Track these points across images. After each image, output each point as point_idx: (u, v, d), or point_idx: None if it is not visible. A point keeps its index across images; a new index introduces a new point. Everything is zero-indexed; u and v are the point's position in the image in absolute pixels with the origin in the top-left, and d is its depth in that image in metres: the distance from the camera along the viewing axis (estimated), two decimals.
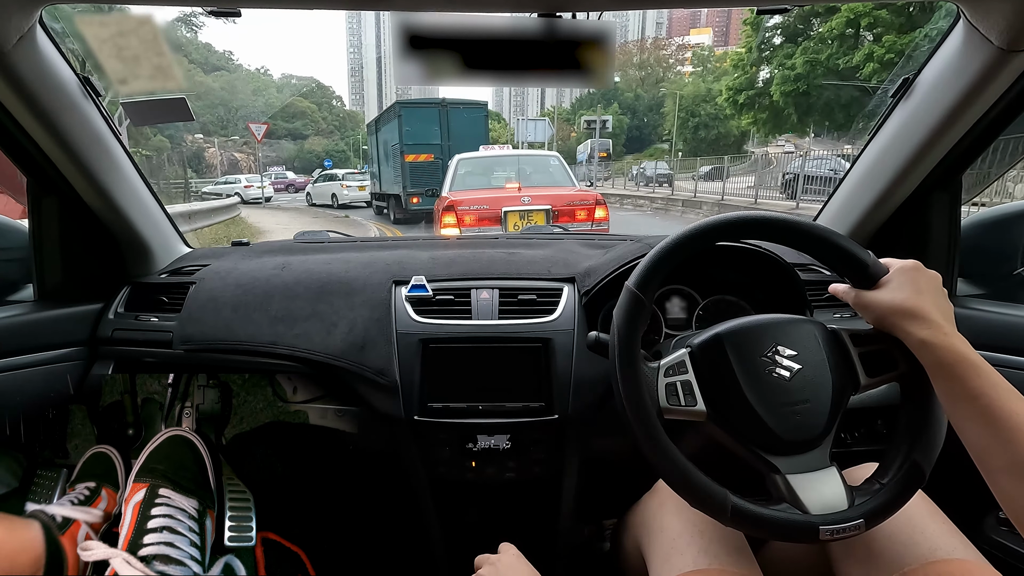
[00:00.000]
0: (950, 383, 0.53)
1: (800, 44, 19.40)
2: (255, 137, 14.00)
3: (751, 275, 0.96)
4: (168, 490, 0.92)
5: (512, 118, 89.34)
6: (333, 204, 16.96)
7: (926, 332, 0.54)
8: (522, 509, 1.01)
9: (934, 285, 0.58)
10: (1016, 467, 0.47)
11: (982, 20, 0.72)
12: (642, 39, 75.69)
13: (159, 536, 0.86)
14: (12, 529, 0.85)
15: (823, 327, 0.64)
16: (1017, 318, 0.90)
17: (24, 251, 1.06)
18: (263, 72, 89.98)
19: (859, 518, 0.56)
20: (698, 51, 66.27)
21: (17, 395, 0.94)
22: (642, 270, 0.62)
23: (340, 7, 0.74)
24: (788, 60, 19.62)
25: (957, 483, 0.76)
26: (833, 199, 1.13)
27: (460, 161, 5.84)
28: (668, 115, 44.12)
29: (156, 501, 0.90)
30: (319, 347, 0.93)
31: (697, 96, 40.48)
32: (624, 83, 59.60)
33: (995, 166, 1.23)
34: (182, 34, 68.31)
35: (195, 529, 0.91)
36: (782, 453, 0.58)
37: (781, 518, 0.56)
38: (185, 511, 0.91)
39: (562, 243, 1.19)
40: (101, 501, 1.01)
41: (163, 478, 0.93)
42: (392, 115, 11.28)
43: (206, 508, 0.96)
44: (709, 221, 0.63)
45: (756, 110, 22.22)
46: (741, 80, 22.25)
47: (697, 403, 0.58)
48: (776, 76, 20.22)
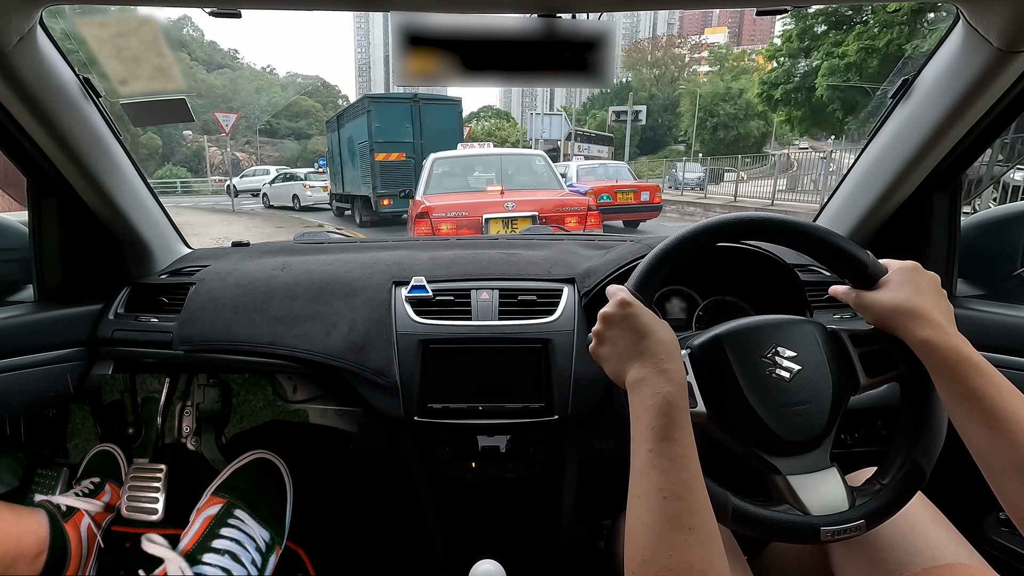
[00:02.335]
0: (952, 383, 0.53)
1: (854, 30, 16.74)
2: (222, 129, 12.29)
3: (751, 276, 0.96)
4: (244, 513, 0.90)
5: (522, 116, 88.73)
6: (294, 206, 15.74)
7: (928, 332, 0.54)
8: (522, 509, 1.01)
9: (934, 285, 0.58)
10: (1019, 468, 0.47)
11: (982, 21, 0.72)
12: (653, 37, 74.17)
13: (219, 559, 0.84)
14: (19, 515, 0.87)
15: (823, 328, 0.64)
16: (1017, 318, 0.90)
17: (24, 251, 1.07)
18: (268, 71, 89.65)
19: (860, 519, 0.56)
20: (715, 49, 65.23)
21: (17, 395, 0.95)
22: (640, 272, 0.62)
23: (340, 8, 0.74)
24: (837, 48, 17.11)
25: (957, 484, 0.76)
26: (833, 199, 1.13)
27: (436, 161, 5.34)
28: (684, 115, 42.72)
29: (229, 521, 0.89)
30: (319, 347, 0.93)
31: (716, 95, 38.86)
32: (637, 82, 57.61)
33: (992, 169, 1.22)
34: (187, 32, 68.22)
35: (257, 563, 0.89)
36: (782, 454, 0.59)
37: (782, 519, 0.56)
38: (254, 541, 0.90)
39: (562, 244, 1.19)
40: (105, 495, 1.02)
41: (242, 499, 0.92)
42: (360, 110, 10.47)
43: (275, 543, 0.94)
44: (707, 223, 0.63)
45: (792, 106, 20.03)
46: (777, 73, 20.07)
47: (697, 404, 0.58)
48: (823, 66, 17.70)
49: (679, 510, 0.44)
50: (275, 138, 56.10)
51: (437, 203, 4.37)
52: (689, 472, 0.47)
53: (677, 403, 0.50)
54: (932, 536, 0.61)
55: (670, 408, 0.49)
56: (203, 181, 29.57)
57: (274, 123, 58.61)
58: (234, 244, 1.31)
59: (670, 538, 0.43)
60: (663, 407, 0.49)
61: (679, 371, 0.53)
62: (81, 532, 0.92)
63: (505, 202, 4.30)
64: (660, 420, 0.49)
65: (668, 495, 0.45)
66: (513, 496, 1.00)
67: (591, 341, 0.60)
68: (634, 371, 0.53)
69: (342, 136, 11.86)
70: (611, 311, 0.57)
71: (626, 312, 0.56)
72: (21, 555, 0.82)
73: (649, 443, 0.48)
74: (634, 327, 0.55)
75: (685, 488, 0.46)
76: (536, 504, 0.99)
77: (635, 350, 0.54)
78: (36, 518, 0.88)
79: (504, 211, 4.23)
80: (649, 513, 0.45)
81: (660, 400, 0.50)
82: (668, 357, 0.53)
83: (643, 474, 0.48)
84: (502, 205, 4.27)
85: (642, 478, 0.48)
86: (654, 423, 0.49)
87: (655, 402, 0.50)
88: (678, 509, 0.44)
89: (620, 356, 0.56)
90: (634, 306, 0.56)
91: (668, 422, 0.49)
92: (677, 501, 0.45)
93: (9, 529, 0.83)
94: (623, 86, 55.62)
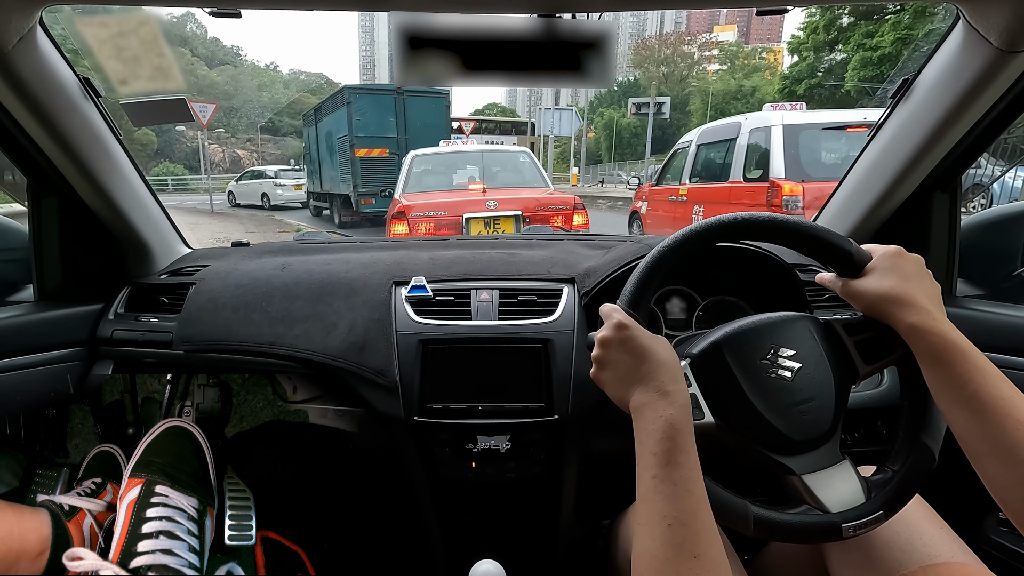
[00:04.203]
0: (937, 369, 0.53)
1: (887, 20, 15.78)
2: (199, 120, 10.91)
3: (751, 276, 0.96)
4: (166, 487, 0.90)
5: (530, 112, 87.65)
6: (263, 205, 15.05)
7: (915, 318, 0.55)
8: (521, 509, 1.01)
9: (919, 268, 0.59)
10: (1001, 451, 0.48)
11: (981, 21, 0.72)
12: (661, 35, 73.04)
13: (155, 543, 0.83)
14: (21, 514, 0.87)
15: (816, 321, 0.64)
16: (1016, 318, 0.90)
17: (24, 251, 1.07)
18: (272, 68, 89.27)
19: (879, 510, 0.56)
20: (725, 47, 64.70)
21: (17, 395, 0.95)
22: (631, 289, 0.61)
23: (340, 8, 0.73)
24: (869, 40, 16.18)
25: (956, 484, 0.76)
26: (833, 199, 1.13)
27: (415, 158, 5.17)
28: (695, 114, 42.04)
29: (152, 500, 0.88)
30: (319, 347, 0.93)
31: (727, 93, 38.41)
32: (645, 80, 56.63)
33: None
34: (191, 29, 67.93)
35: (194, 532, 0.89)
36: (794, 453, 0.58)
37: (803, 522, 0.56)
38: (184, 511, 0.89)
39: (562, 244, 1.19)
40: (107, 494, 1.01)
41: (160, 473, 0.91)
42: (339, 102, 9.71)
43: (206, 506, 0.94)
44: (690, 229, 0.62)
45: (815, 102, 18.86)
46: (801, 68, 19.35)
47: (705, 416, 0.58)
48: (853, 59, 16.91)
49: (684, 537, 0.44)
50: (277, 136, 55.99)
51: (415, 202, 4.24)
52: (694, 498, 0.46)
53: (680, 426, 0.49)
54: (927, 534, 0.61)
55: (673, 431, 0.49)
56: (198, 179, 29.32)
57: (276, 121, 58.47)
58: (234, 244, 1.31)
59: (675, 567, 0.43)
60: (666, 431, 0.49)
61: (681, 392, 0.52)
62: (84, 532, 0.91)
63: (487, 201, 4.17)
64: (663, 444, 0.48)
65: (672, 522, 0.44)
66: (513, 496, 1.00)
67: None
68: (636, 396, 0.53)
69: (320, 131, 11.17)
70: (608, 335, 0.56)
71: (623, 336, 0.55)
72: (24, 554, 0.82)
73: (653, 469, 0.48)
74: (632, 350, 0.54)
75: (690, 515, 0.45)
76: (536, 504, 0.99)
77: (636, 374, 0.53)
78: (38, 517, 0.88)
79: (486, 210, 4.10)
80: (654, 542, 0.44)
81: (663, 424, 0.49)
82: (670, 379, 0.52)
83: (647, 501, 0.47)
84: (484, 204, 4.13)
85: (646, 505, 0.47)
86: (657, 448, 0.48)
87: (658, 426, 0.49)
88: (683, 536, 0.44)
89: (621, 381, 0.55)
90: (630, 328, 0.56)
91: (671, 446, 0.48)
92: (682, 528, 0.44)
93: (11, 528, 0.83)
94: (631, 84, 54.86)
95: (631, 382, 0.54)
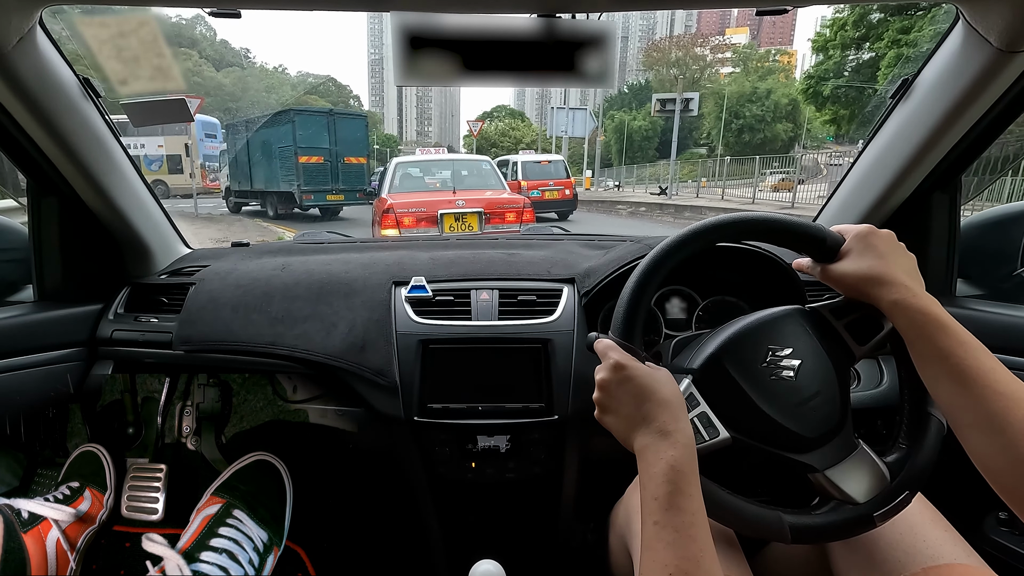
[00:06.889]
0: (920, 343, 0.53)
1: (928, 12, 14.29)
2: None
3: (751, 276, 0.96)
4: (243, 513, 0.89)
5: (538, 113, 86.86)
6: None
7: (896, 295, 0.55)
8: (521, 509, 1.01)
9: (892, 244, 0.59)
10: (984, 423, 0.48)
11: (981, 21, 0.72)
12: (671, 38, 72.11)
13: (217, 557, 0.83)
14: None
15: (803, 311, 0.64)
16: (1016, 318, 0.90)
17: (24, 251, 1.07)
18: (280, 70, 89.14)
19: (904, 491, 0.57)
20: (738, 49, 64.24)
21: (17, 395, 0.95)
22: (620, 319, 0.59)
23: (340, 8, 0.73)
24: (905, 36, 15.23)
25: (957, 484, 0.76)
26: (833, 199, 1.13)
27: (399, 164, 6.14)
28: (708, 117, 41.29)
29: (228, 521, 0.88)
30: (319, 348, 0.93)
31: (741, 96, 37.21)
32: (657, 83, 55.88)
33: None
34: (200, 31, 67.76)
35: (255, 563, 0.88)
36: (812, 449, 0.59)
37: (837, 520, 0.57)
38: (252, 541, 0.89)
39: (562, 244, 1.19)
40: (83, 501, 0.96)
41: (242, 500, 0.91)
42: (283, 120, 12.67)
43: (273, 544, 0.93)
44: (666, 244, 0.61)
45: (841, 104, 18.15)
46: (827, 67, 18.27)
47: (720, 433, 0.57)
48: (887, 57, 15.79)
49: None
50: None
51: (399, 200, 5.07)
52: (697, 544, 0.45)
53: (682, 468, 0.48)
54: (930, 536, 0.61)
55: (674, 474, 0.47)
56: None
57: None
58: (234, 244, 1.31)
59: None
60: (667, 473, 0.47)
61: (684, 432, 0.50)
62: (48, 547, 0.80)
63: (457, 200, 5.02)
64: (664, 488, 0.47)
65: (674, 571, 0.43)
66: (513, 496, 1.00)
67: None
68: (639, 438, 0.51)
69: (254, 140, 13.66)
70: (606, 377, 0.55)
71: (621, 376, 0.54)
72: None
73: (655, 515, 0.46)
74: (631, 391, 0.53)
75: (693, 563, 0.44)
76: (536, 504, 0.99)
77: (637, 415, 0.52)
78: None
79: (456, 207, 4.94)
80: None
81: (664, 467, 0.48)
82: (671, 418, 0.51)
83: (649, 549, 0.46)
84: (454, 203, 4.97)
85: (648, 554, 0.46)
86: (657, 492, 0.47)
87: (659, 469, 0.48)
88: None
89: (624, 423, 0.54)
90: (628, 368, 0.54)
91: (672, 489, 0.47)
92: None
93: None
94: (642, 87, 54.32)
95: (633, 424, 0.53)
